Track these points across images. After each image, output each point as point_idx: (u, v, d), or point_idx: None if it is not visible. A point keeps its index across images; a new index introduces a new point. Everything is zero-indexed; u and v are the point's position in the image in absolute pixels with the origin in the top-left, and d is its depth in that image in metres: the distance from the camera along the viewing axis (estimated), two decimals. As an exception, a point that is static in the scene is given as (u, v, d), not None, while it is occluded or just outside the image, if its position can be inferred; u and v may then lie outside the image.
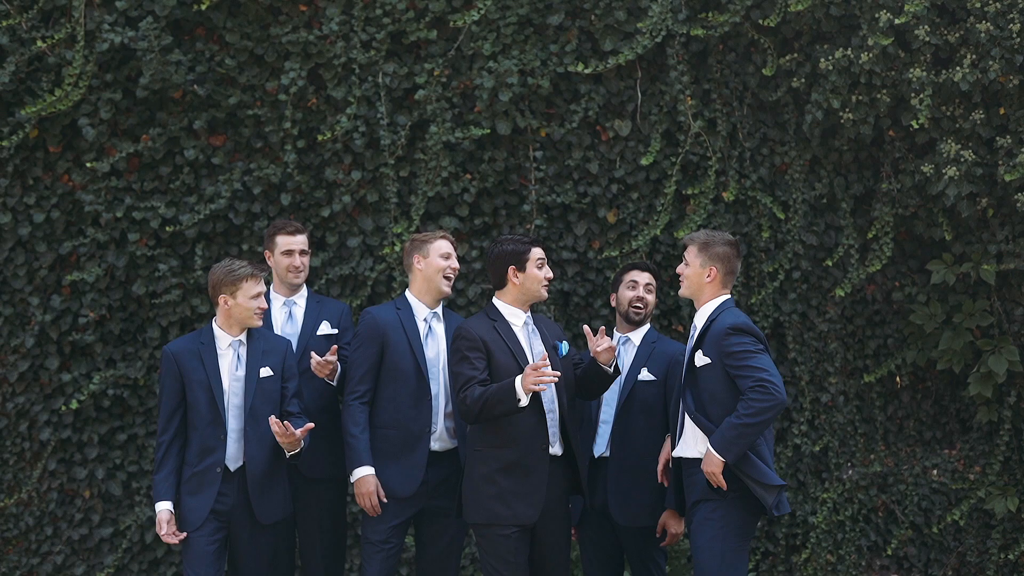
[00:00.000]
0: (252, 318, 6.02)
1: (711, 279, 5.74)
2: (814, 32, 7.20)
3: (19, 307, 7.32)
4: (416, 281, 6.26)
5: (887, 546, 7.44)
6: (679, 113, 7.29)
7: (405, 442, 6.06)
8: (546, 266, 5.89)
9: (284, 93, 7.23)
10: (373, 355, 6.10)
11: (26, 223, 7.26)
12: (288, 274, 6.46)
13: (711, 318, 5.68)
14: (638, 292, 6.29)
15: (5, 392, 7.34)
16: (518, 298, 5.86)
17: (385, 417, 6.10)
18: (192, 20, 7.27)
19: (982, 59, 6.96)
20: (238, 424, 6.01)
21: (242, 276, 5.98)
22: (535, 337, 5.85)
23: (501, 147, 7.36)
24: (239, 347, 6.06)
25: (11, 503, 7.34)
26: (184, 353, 6.03)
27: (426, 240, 6.26)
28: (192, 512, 5.96)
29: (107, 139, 7.27)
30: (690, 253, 5.80)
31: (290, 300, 6.50)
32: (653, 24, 7.16)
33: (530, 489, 5.64)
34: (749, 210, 7.38)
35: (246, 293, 5.99)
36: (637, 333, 6.33)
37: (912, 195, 7.24)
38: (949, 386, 7.54)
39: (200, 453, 5.97)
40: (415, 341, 6.11)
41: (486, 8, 7.18)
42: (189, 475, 5.99)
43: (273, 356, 6.11)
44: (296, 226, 6.52)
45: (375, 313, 6.21)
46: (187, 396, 6.00)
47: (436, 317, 6.25)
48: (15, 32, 7.15)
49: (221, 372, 6.00)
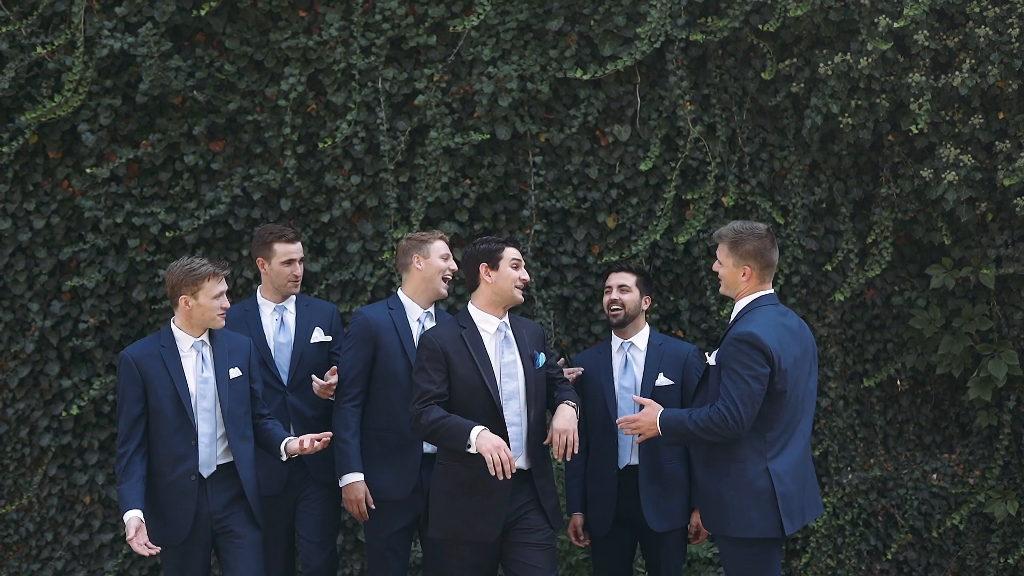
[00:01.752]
0: (215, 319, 5.74)
1: (747, 278, 5.51)
2: (813, 37, 7.20)
3: (19, 313, 7.32)
4: (412, 281, 6.17)
5: (887, 550, 7.44)
6: (678, 118, 7.30)
7: (399, 445, 5.99)
8: (522, 268, 5.72)
9: (284, 99, 7.23)
10: (365, 357, 6.01)
11: (26, 229, 7.26)
12: (288, 284, 6.32)
13: (736, 318, 5.53)
14: (612, 295, 6.24)
15: (5, 398, 7.35)
16: (492, 300, 5.65)
17: (378, 419, 6.02)
18: (192, 26, 7.27)
19: (981, 64, 6.96)
20: (209, 428, 5.72)
21: (203, 275, 5.70)
22: (507, 346, 5.63)
23: (501, 152, 7.36)
24: (201, 347, 5.78)
25: (12, 509, 7.34)
26: (145, 357, 5.70)
27: (425, 240, 6.17)
28: (174, 524, 5.66)
29: (107, 145, 7.28)
30: (721, 252, 5.57)
31: (280, 306, 6.36)
32: (652, 29, 7.16)
33: (491, 506, 5.46)
34: (749, 215, 7.38)
35: (208, 293, 5.71)
36: (639, 337, 6.25)
37: (911, 199, 7.24)
38: (949, 390, 7.54)
39: (171, 462, 5.65)
40: (408, 342, 6.02)
41: (485, 13, 7.18)
42: (163, 486, 5.66)
43: (239, 355, 5.87)
44: (294, 232, 6.38)
45: (367, 314, 6.10)
46: (150, 402, 5.67)
47: (429, 317, 6.17)
48: (15, 38, 7.16)
49: (186, 375, 5.72)
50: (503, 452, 5.24)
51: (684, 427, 5.39)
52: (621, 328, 6.25)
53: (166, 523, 5.67)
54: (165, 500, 5.66)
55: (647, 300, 6.32)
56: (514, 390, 5.60)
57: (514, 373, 5.61)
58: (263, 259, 6.34)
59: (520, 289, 5.69)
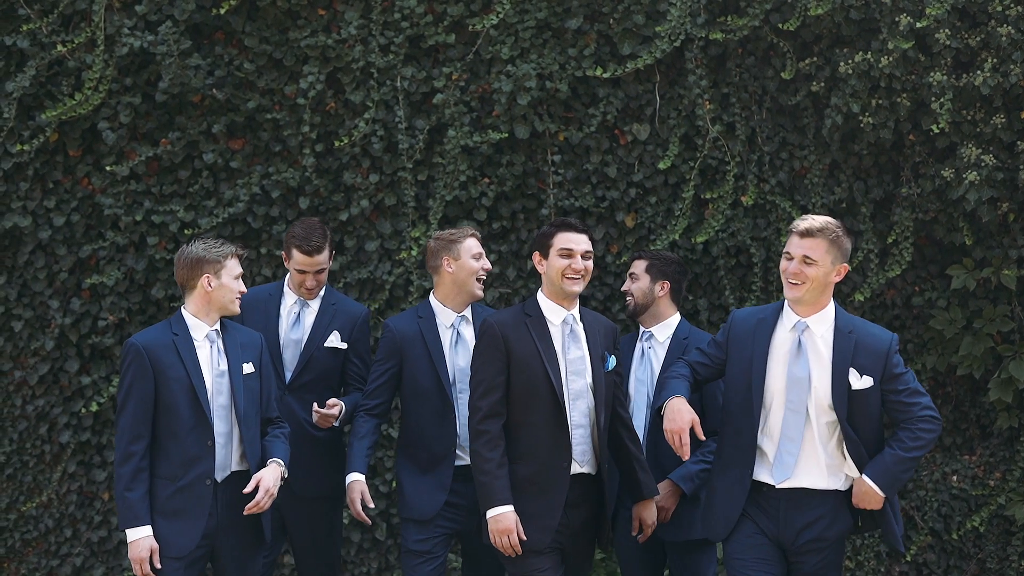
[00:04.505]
0: (233, 302, 5.28)
1: (840, 277, 5.16)
2: (834, 36, 7.16)
3: (39, 310, 7.35)
4: (444, 285, 5.76)
5: (907, 552, 7.40)
6: (697, 117, 7.27)
7: (430, 461, 5.67)
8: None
9: (303, 97, 7.24)
10: (389, 370, 5.72)
11: (46, 227, 7.30)
12: (301, 291, 6.03)
13: (845, 328, 5.15)
14: (624, 285, 5.99)
15: (25, 395, 7.38)
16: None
17: (410, 435, 5.74)
18: (211, 24, 7.29)
19: (1003, 63, 6.91)
20: (225, 427, 5.23)
21: (227, 252, 5.27)
22: (574, 341, 5.31)
23: (519, 151, 7.35)
24: (216, 338, 5.30)
25: (32, 506, 7.38)
26: (157, 347, 5.16)
27: (455, 240, 5.74)
28: (180, 536, 5.12)
29: (126, 143, 7.30)
30: (817, 248, 5.10)
31: (302, 299, 6.06)
32: (672, 28, 7.14)
33: (544, 510, 5.19)
34: (768, 215, 7.35)
35: (231, 272, 5.27)
36: (660, 327, 5.90)
37: (932, 200, 7.20)
38: (969, 392, 7.49)
39: (183, 464, 5.13)
40: (436, 354, 5.66)
41: (504, 12, 7.17)
42: (171, 492, 5.13)
43: (251, 351, 5.39)
44: (316, 244, 5.92)
45: (393, 327, 5.77)
46: (162, 397, 5.14)
47: (465, 321, 5.77)
48: (36, 36, 7.19)
49: (202, 367, 5.22)
50: (510, 537, 5.12)
51: (902, 464, 5.11)
52: (637, 317, 5.96)
53: (173, 533, 5.14)
54: (175, 508, 5.14)
55: (663, 285, 5.94)
56: (582, 389, 5.30)
57: (582, 371, 5.31)
58: (286, 255, 6.07)
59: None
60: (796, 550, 5.16)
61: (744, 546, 5.16)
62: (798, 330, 5.18)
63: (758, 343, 5.21)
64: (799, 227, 5.15)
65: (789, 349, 5.18)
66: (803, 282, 5.12)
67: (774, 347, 5.20)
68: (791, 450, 5.13)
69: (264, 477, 5.22)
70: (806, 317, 5.19)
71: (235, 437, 5.28)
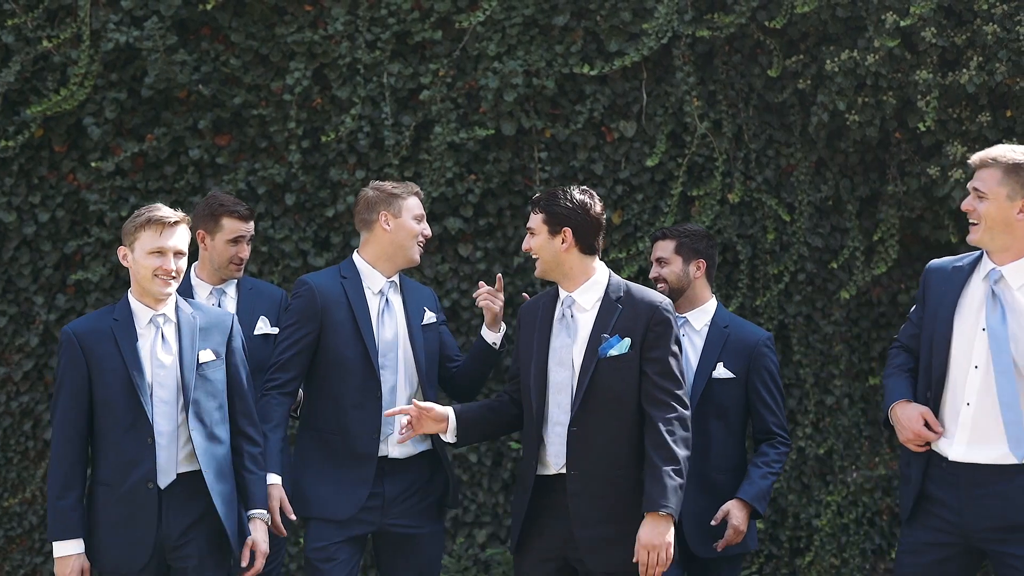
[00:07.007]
0: (231, 267, 5.09)
1: (1022, 214, 4.39)
2: (820, 34, 7.17)
3: (24, 306, 7.33)
4: (376, 243, 5.06)
5: (891, 549, 7.42)
6: (685, 114, 7.28)
7: (350, 451, 4.91)
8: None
9: (289, 93, 7.23)
10: (305, 337, 4.93)
11: (31, 222, 7.28)
12: (230, 266, 5.48)
13: None
14: (653, 272, 5.36)
15: (9, 391, 7.36)
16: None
17: (321, 417, 4.94)
18: (197, 20, 7.27)
19: (989, 61, 6.93)
20: (169, 426, 4.56)
21: (140, 224, 4.65)
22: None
23: (506, 148, 7.35)
24: (162, 323, 4.65)
25: (15, 502, 7.35)
26: (92, 335, 4.57)
27: (398, 195, 5.06)
28: (128, 548, 4.53)
29: (112, 139, 7.28)
30: (989, 179, 4.42)
31: (218, 289, 5.54)
32: (659, 25, 7.14)
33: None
34: (754, 212, 7.36)
35: (144, 247, 4.62)
36: (697, 314, 5.19)
37: (918, 197, 7.21)
38: (955, 389, 7.51)
39: (122, 467, 4.51)
40: (363, 322, 4.93)
41: (491, 9, 7.17)
42: (112, 500, 4.53)
43: (213, 335, 4.70)
44: (248, 209, 5.55)
45: (313, 284, 4.98)
46: (98, 391, 4.55)
47: (393, 287, 5.08)
48: (20, 31, 7.17)
49: (142, 357, 4.58)
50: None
51: None
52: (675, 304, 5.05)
53: (116, 547, 4.54)
54: (116, 518, 4.54)
55: (699, 264, 5.25)
56: (563, 381, 4.65)
57: (566, 360, 4.67)
58: (205, 232, 5.48)
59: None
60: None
61: None
62: (991, 280, 4.49)
63: (948, 295, 4.52)
64: (972, 158, 4.57)
65: (981, 300, 4.47)
66: (977, 221, 4.48)
67: (963, 299, 4.50)
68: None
69: (256, 541, 4.69)
70: (1001, 266, 4.48)
71: (181, 436, 4.61)
